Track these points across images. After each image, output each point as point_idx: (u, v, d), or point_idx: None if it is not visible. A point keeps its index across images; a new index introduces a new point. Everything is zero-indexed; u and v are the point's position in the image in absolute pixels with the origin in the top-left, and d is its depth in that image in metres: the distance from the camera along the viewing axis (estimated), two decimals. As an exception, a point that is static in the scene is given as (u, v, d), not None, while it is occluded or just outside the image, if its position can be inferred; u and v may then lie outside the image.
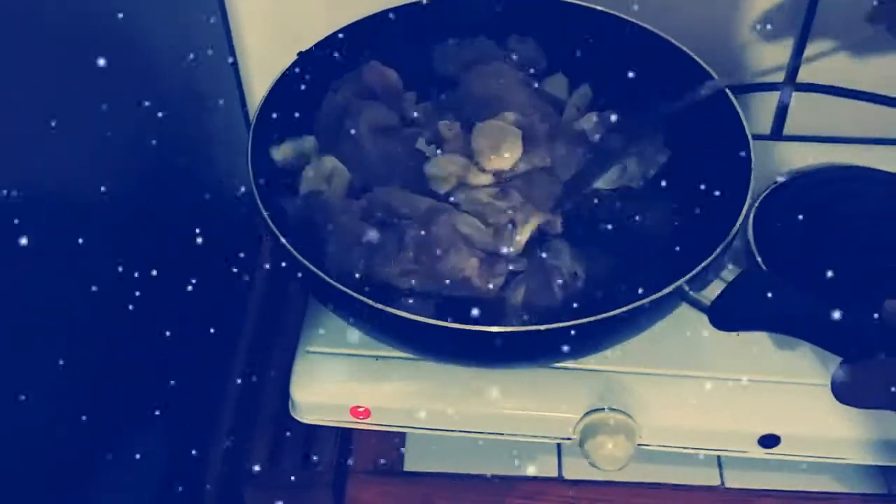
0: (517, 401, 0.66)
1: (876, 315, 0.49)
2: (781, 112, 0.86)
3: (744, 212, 0.60)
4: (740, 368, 0.65)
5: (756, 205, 0.74)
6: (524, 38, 0.75)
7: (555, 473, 0.73)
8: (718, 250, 0.58)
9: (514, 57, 0.74)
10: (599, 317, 0.55)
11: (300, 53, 0.70)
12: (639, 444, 0.66)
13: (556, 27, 0.74)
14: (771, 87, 0.85)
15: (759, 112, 0.66)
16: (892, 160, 0.79)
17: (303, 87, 0.69)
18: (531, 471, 0.73)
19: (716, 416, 0.65)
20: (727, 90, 0.66)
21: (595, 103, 0.73)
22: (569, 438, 0.66)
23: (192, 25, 0.74)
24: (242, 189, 0.64)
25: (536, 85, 0.73)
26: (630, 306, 0.55)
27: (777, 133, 0.87)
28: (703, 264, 0.57)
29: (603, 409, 0.65)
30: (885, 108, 0.83)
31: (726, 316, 0.56)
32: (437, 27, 0.75)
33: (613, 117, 0.70)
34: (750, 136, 0.64)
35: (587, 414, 0.65)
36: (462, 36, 0.75)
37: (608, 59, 0.72)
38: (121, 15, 0.57)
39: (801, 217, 0.72)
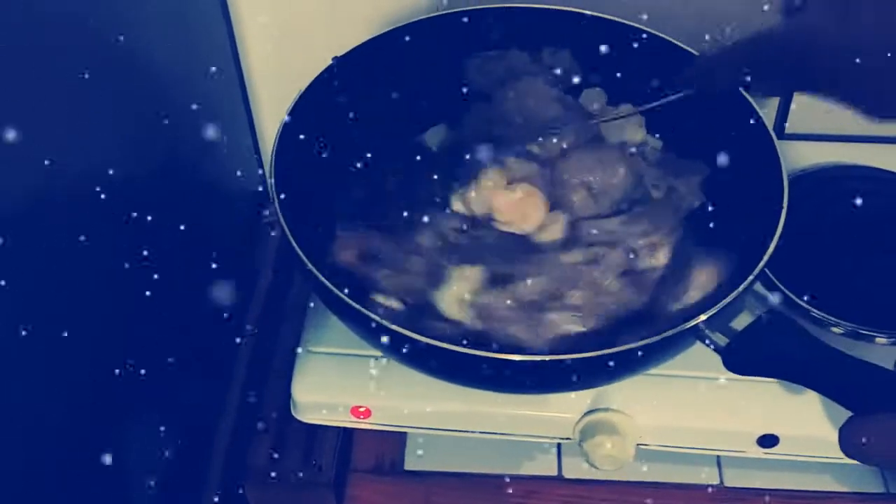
0: (517, 401, 0.66)
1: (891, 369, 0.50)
2: (783, 111, 0.86)
3: (767, 257, 0.58)
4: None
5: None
6: (558, 50, 0.73)
7: (554, 472, 0.73)
8: (736, 293, 0.56)
9: (551, 70, 0.72)
10: (607, 351, 0.54)
11: (335, 58, 0.69)
12: (638, 444, 0.66)
13: (590, 43, 0.72)
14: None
15: (761, 111, 0.66)
16: (893, 158, 0.79)
17: (332, 97, 0.68)
18: (531, 470, 0.73)
19: (715, 417, 0.65)
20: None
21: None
22: (568, 438, 0.66)
23: (197, 36, 0.75)
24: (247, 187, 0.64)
25: (571, 99, 0.71)
26: (641, 342, 0.54)
27: (779, 132, 0.87)
28: (721, 305, 0.55)
29: (602, 409, 0.65)
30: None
31: (740, 360, 0.56)
32: (462, 41, 0.74)
33: (655, 153, 0.69)
34: (786, 181, 0.62)
35: (586, 414, 0.65)
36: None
37: (633, 71, 0.70)
38: (122, 33, 0.57)
39: (802, 217, 0.72)
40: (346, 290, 0.57)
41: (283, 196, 0.62)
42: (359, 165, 0.68)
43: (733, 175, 0.66)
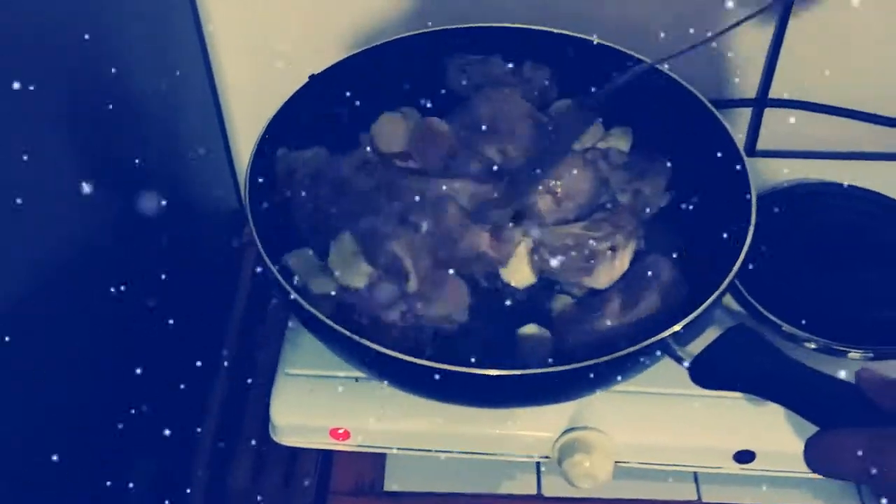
0: (496, 420, 0.66)
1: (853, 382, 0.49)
2: (755, 128, 0.87)
3: (733, 274, 0.59)
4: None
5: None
6: (539, 65, 0.74)
7: (534, 491, 0.73)
8: (703, 307, 0.56)
9: (526, 84, 0.73)
10: (575, 366, 0.54)
11: (311, 76, 0.69)
12: (616, 462, 0.66)
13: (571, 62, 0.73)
14: (744, 103, 0.86)
15: (731, 128, 0.67)
16: (867, 175, 0.80)
17: (307, 116, 0.69)
18: (510, 489, 0.73)
19: (691, 433, 0.66)
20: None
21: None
22: (547, 457, 0.67)
23: (172, 58, 0.75)
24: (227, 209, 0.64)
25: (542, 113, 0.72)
26: (608, 357, 0.54)
27: (751, 149, 0.88)
28: (688, 319, 0.56)
29: (580, 427, 0.65)
30: (858, 123, 0.85)
31: (706, 374, 0.56)
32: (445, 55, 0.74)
33: (622, 156, 0.70)
34: (754, 198, 0.62)
35: (564, 433, 0.65)
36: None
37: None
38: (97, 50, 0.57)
39: (774, 233, 0.73)
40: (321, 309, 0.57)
41: (257, 216, 0.62)
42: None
43: (703, 191, 0.67)
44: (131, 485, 0.64)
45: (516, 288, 0.65)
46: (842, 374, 0.52)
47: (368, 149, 0.70)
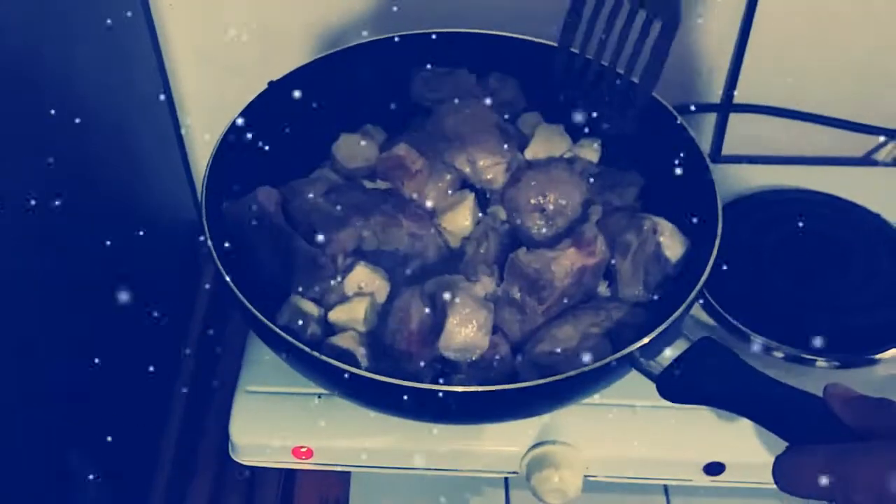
0: (462, 436, 0.65)
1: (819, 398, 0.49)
2: (719, 134, 0.87)
3: (700, 284, 0.58)
4: (684, 398, 0.65)
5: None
6: (505, 76, 0.73)
7: (502, 507, 0.72)
8: (671, 320, 0.56)
9: (492, 96, 0.71)
10: (545, 380, 0.54)
11: (270, 83, 0.68)
12: (586, 476, 0.65)
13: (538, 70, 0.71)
14: (708, 108, 0.86)
15: (696, 134, 0.67)
16: (832, 181, 0.80)
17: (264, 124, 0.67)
18: (478, 505, 0.72)
19: (660, 446, 0.65)
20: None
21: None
22: (515, 472, 0.66)
23: (127, 64, 0.73)
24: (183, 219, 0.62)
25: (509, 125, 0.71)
26: (577, 371, 0.54)
27: (715, 155, 0.88)
28: (656, 332, 0.55)
29: (548, 442, 0.64)
30: (823, 128, 0.85)
31: (673, 388, 0.55)
32: (412, 63, 0.73)
33: (592, 167, 0.69)
34: (720, 208, 0.61)
35: (532, 448, 0.64)
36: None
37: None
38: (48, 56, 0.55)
39: (740, 241, 0.72)
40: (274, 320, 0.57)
41: (214, 227, 0.60)
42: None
43: (669, 200, 0.66)
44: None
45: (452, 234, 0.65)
46: (810, 385, 0.51)
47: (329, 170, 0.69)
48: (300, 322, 0.59)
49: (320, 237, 0.62)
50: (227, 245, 0.60)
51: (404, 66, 0.73)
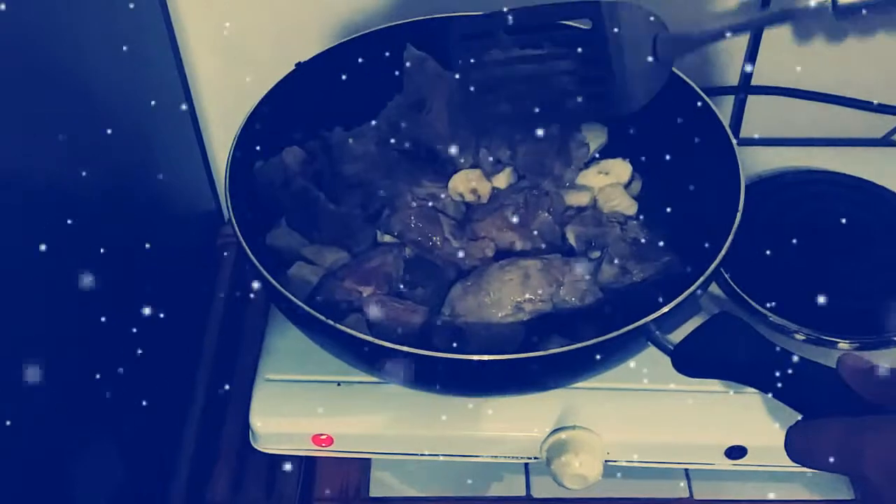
0: (482, 422, 0.65)
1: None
2: (738, 115, 0.86)
3: (718, 260, 0.58)
4: (705, 381, 0.65)
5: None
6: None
7: (523, 493, 0.72)
8: (688, 292, 0.55)
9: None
10: (555, 350, 0.54)
11: (298, 64, 0.68)
12: (606, 461, 0.65)
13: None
14: (727, 90, 0.85)
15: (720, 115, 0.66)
16: (851, 162, 0.79)
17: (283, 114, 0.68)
18: (499, 491, 0.72)
19: (682, 430, 0.65)
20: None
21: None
22: (535, 458, 0.65)
23: (143, 58, 0.73)
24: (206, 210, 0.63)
25: None
26: (591, 342, 0.54)
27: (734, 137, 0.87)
28: (670, 306, 0.55)
29: (568, 427, 0.64)
30: (842, 109, 0.84)
31: (687, 361, 0.55)
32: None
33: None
34: (743, 186, 0.61)
35: (553, 433, 0.64)
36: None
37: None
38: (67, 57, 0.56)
39: (760, 222, 0.72)
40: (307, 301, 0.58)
41: (238, 211, 0.61)
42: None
43: (691, 179, 0.66)
44: (109, 494, 0.63)
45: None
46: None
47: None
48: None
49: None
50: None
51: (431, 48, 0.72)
